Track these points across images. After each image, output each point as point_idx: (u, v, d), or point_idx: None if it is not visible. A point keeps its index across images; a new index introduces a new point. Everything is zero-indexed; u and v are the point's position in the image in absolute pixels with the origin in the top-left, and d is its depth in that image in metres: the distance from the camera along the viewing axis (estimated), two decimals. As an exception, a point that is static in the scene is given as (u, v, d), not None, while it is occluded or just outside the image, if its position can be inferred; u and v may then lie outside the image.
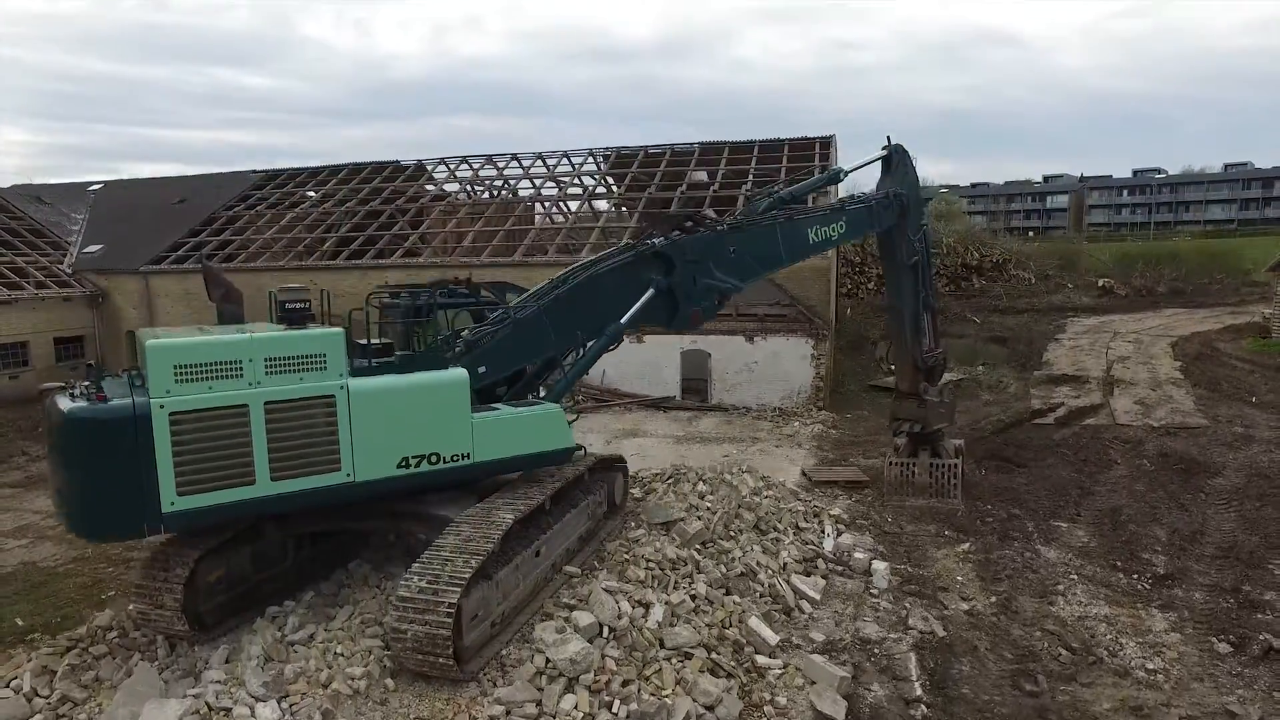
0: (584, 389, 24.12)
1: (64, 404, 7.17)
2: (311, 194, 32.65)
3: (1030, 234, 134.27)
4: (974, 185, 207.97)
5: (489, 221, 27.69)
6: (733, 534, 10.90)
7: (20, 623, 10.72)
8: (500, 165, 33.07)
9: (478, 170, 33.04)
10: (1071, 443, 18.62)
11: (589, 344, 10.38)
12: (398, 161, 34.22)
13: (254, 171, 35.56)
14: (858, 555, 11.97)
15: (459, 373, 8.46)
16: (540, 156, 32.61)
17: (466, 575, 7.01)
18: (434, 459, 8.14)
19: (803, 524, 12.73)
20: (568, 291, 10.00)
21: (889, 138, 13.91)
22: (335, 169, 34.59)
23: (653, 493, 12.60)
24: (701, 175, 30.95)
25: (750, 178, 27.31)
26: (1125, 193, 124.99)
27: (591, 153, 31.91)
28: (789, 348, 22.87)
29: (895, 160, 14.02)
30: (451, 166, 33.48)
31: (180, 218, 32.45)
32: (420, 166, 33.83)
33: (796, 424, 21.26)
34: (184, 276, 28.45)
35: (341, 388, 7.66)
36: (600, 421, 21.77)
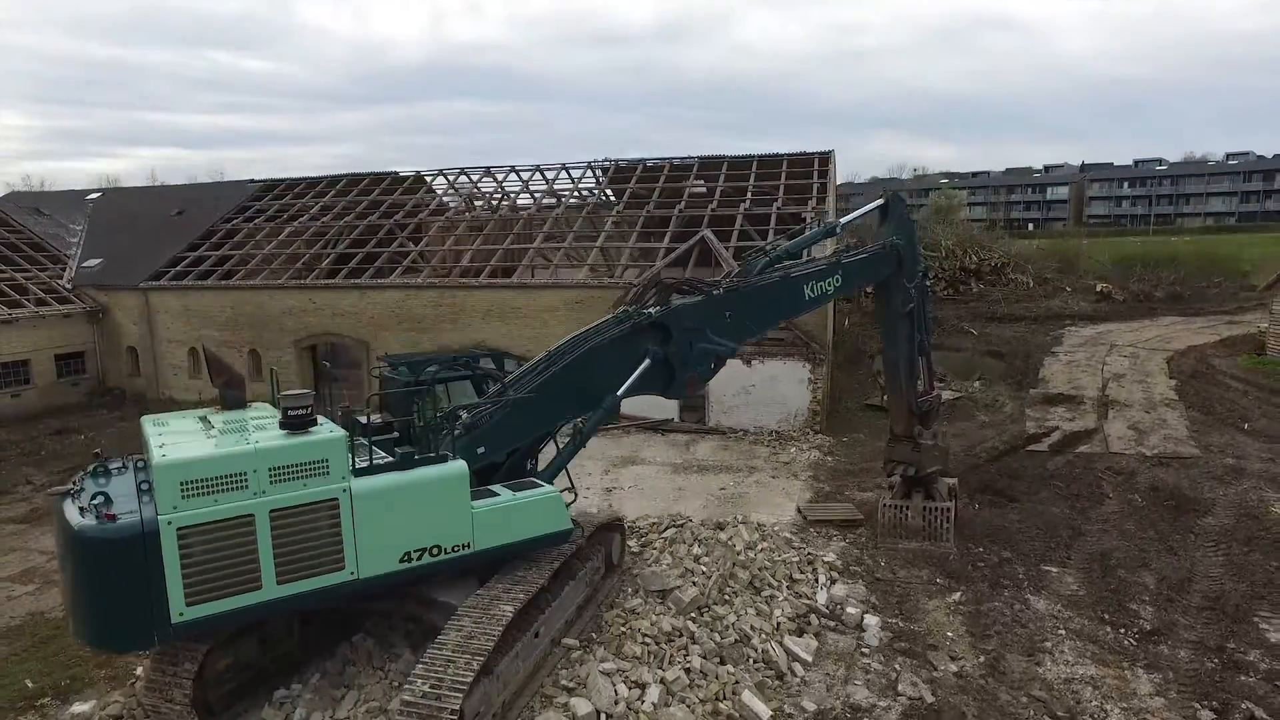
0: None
1: (73, 518, 7.33)
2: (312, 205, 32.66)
3: (1030, 225, 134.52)
4: (974, 174, 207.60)
5: (487, 239, 27.75)
6: (727, 597, 11.12)
7: (30, 684, 10.95)
8: (499, 177, 33.06)
9: (476, 182, 33.04)
10: (1064, 473, 18.83)
11: (586, 417, 10.52)
12: (396, 173, 34.23)
13: (252, 181, 35.55)
14: (850, 610, 12.20)
15: (459, 466, 8.62)
16: (539, 169, 32.61)
17: (468, 679, 7.22)
18: (435, 551, 8.33)
19: (797, 575, 12.95)
20: (564, 369, 10.12)
21: (885, 189, 14.00)
22: (334, 180, 34.56)
23: (649, 545, 12.80)
24: (700, 188, 31.02)
25: (749, 195, 27.34)
26: (1126, 184, 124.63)
27: (590, 166, 31.90)
28: (786, 371, 23.03)
29: (891, 209, 14.13)
30: (450, 178, 33.48)
31: (179, 229, 32.49)
32: (419, 178, 33.82)
33: (793, 449, 21.46)
34: (183, 293, 28.56)
35: (345, 490, 7.84)
36: (599, 447, 21.93)
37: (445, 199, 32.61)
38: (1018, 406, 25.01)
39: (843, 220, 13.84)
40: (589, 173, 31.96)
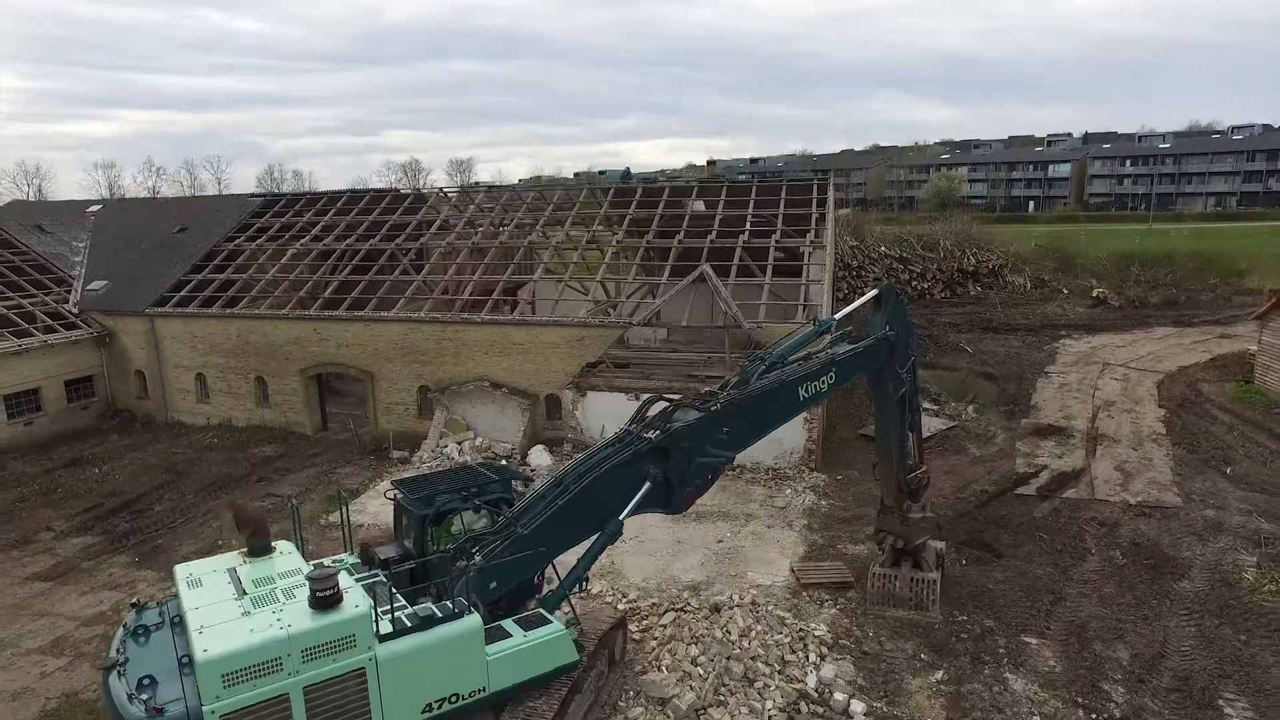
0: (583, 447, 24.91)
1: (122, 705, 7.89)
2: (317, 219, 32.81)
3: (1031, 204, 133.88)
4: (975, 146, 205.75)
5: (489, 269, 28.05)
6: (722, 696, 11.82)
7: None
8: (499, 197, 33.21)
9: (479, 203, 33.19)
10: (1050, 524, 19.51)
11: (589, 542, 11.05)
12: (396, 190, 34.33)
13: (253, 196, 35.66)
14: (838, 696, 12.92)
15: (474, 622, 9.19)
16: (540, 190, 32.73)
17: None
18: (454, 698, 8.95)
19: (789, 656, 13.67)
20: (570, 502, 10.63)
21: (881, 279, 14.37)
22: (334, 196, 34.68)
23: (649, 632, 13.47)
24: (700, 206, 31.26)
25: (748, 226, 27.57)
26: (1128, 163, 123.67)
27: (591, 189, 32.04)
28: (782, 410, 23.52)
29: (885, 298, 14.52)
30: (451, 199, 33.61)
31: (181, 248, 32.73)
32: (420, 196, 33.95)
33: (789, 490, 22.10)
34: (189, 320, 28.93)
35: (371, 659, 8.42)
36: (600, 487, 22.58)
37: (448, 218, 32.73)
38: (1009, 439, 25.59)
39: (837, 316, 14.23)
40: (589, 192, 32.09)
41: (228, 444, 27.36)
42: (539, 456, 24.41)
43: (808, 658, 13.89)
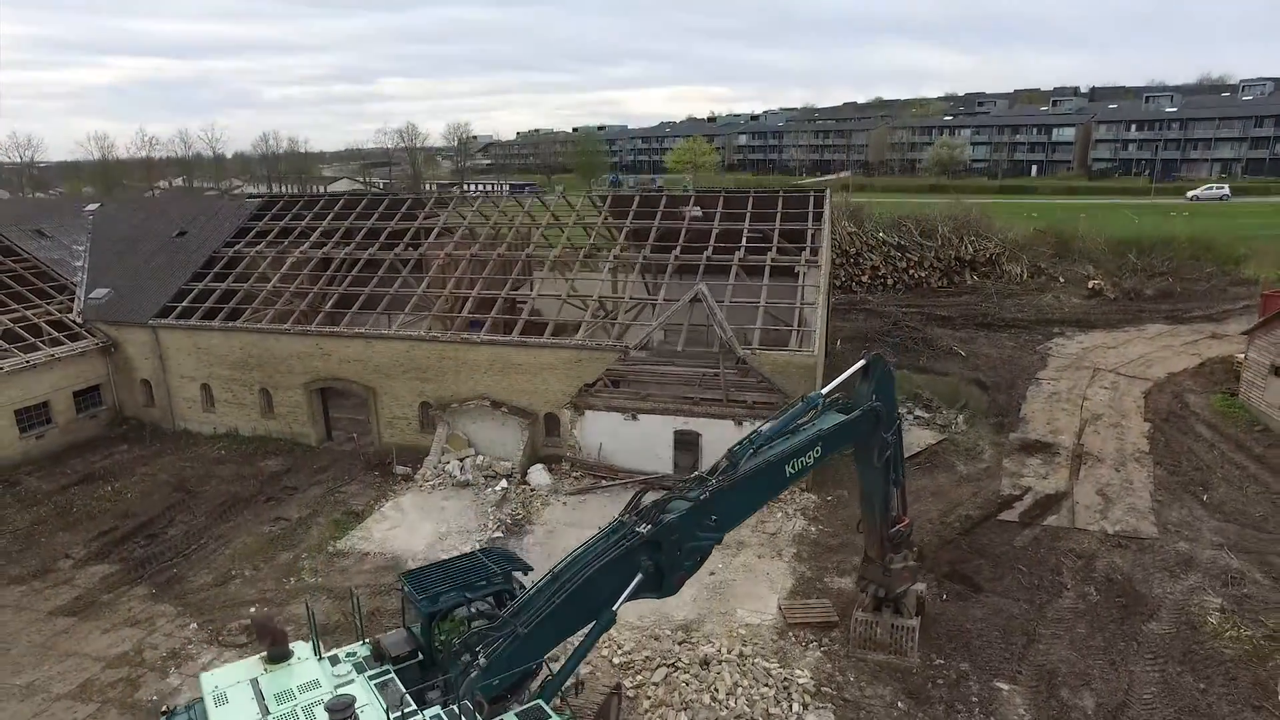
0: (581, 466, 25.62)
1: None
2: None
3: (1034, 168, 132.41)
4: (980, 103, 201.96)
5: (488, 284, 28.33)
6: (710, 762, 12.69)
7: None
8: (498, 203, 33.25)
9: (477, 208, 33.23)
10: (1030, 555, 20.32)
11: (584, 633, 11.73)
12: (395, 194, 34.32)
13: (251, 196, 35.62)
14: (819, 750, 13.85)
15: (477, 730, 9.93)
16: (538, 194, 32.76)
17: None
18: (459, 801, 9.74)
19: (773, 709, 14.56)
20: (568, 598, 11.28)
21: (868, 348, 14.80)
22: (332, 199, 34.71)
23: (643, 689, 14.31)
24: (697, 211, 31.41)
25: (744, 242, 27.77)
26: (1133, 127, 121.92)
27: (590, 196, 32.09)
28: (775, 433, 24.13)
29: (873, 368, 14.99)
30: (449, 202, 33.66)
31: (181, 253, 32.92)
32: (418, 200, 33.99)
33: (780, 515, 22.86)
34: (192, 332, 29.32)
35: (383, 776, 9.17)
36: (597, 511, 23.32)
37: (447, 223, 32.80)
38: (996, 455, 26.28)
39: (825, 390, 14.70)
40: (588, 200, 32.17)
41: (235, 456, 28.07)
42: (538, 476, 25.12)
43: (791, 708, 14.79)
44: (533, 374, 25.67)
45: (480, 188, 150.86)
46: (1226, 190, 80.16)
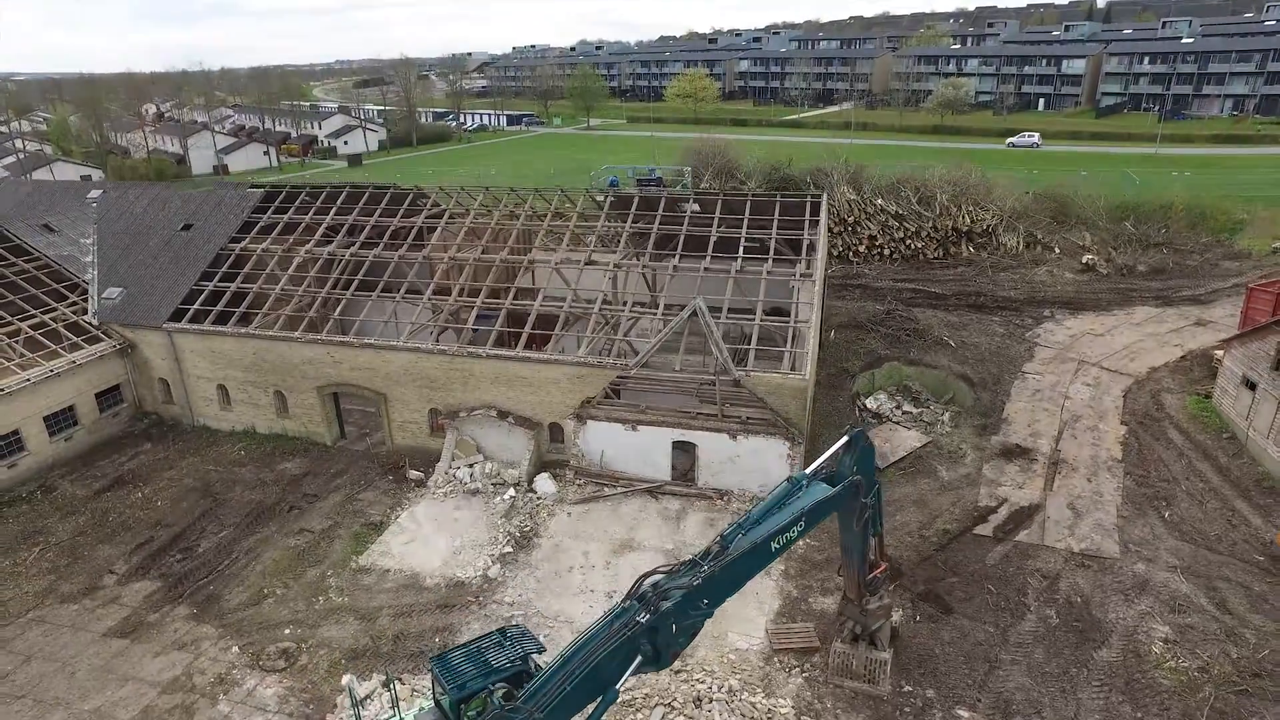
0: (584, 473, 27.12)
1: None
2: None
3: (1041, 101, 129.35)
4: (990, 23, 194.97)
5: (493, 292, 29.11)
6: (701, 804, 14.63)
7: None
8: (498, 197, 33.56)
9: (480, 200, 33.56)
10: (999, 573, 22.06)
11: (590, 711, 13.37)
12: (396, 185, 34.59)
13: (253, 187, 35.84)
14: (797, 783, 15.82)
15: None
16: (538, 191, 33.09)
17: None
18: None
19: (758, 744, 16.47)
20: (577, 685, 12.84)
21: (850, 425, 15.96)
22: (334, 192, 34.96)
23: (643, 728, 16.15)
24: (696, 207, 31.94)
25: (740, 254, 28.41)
26: (1145, 60, 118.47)
27: (588, 191, 32.42)
28: (768, 447, 25.56)
29: (854, 443, 16.19)
30: (453, 196, 33.97)
31: (189, 248, 33.42)
32: (421, 194, 34.28)
33: (770, 526, 24.47)
34: (206, 337, 30.28)
35: None
36: (600, 521, 24.97)
37: (451, 216, 33.14)
38: (978, 460, 27.75)
39: (808, 470, 15.93)
40: (588, 196, 32.52)
41: (254, 457, 29.56)
42: (544, 484, 26.66)
43: (774, 740, 16.73)
44: (537, 387, 26.84)
45: (477, 119, 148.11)
46: (1037, 138, 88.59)
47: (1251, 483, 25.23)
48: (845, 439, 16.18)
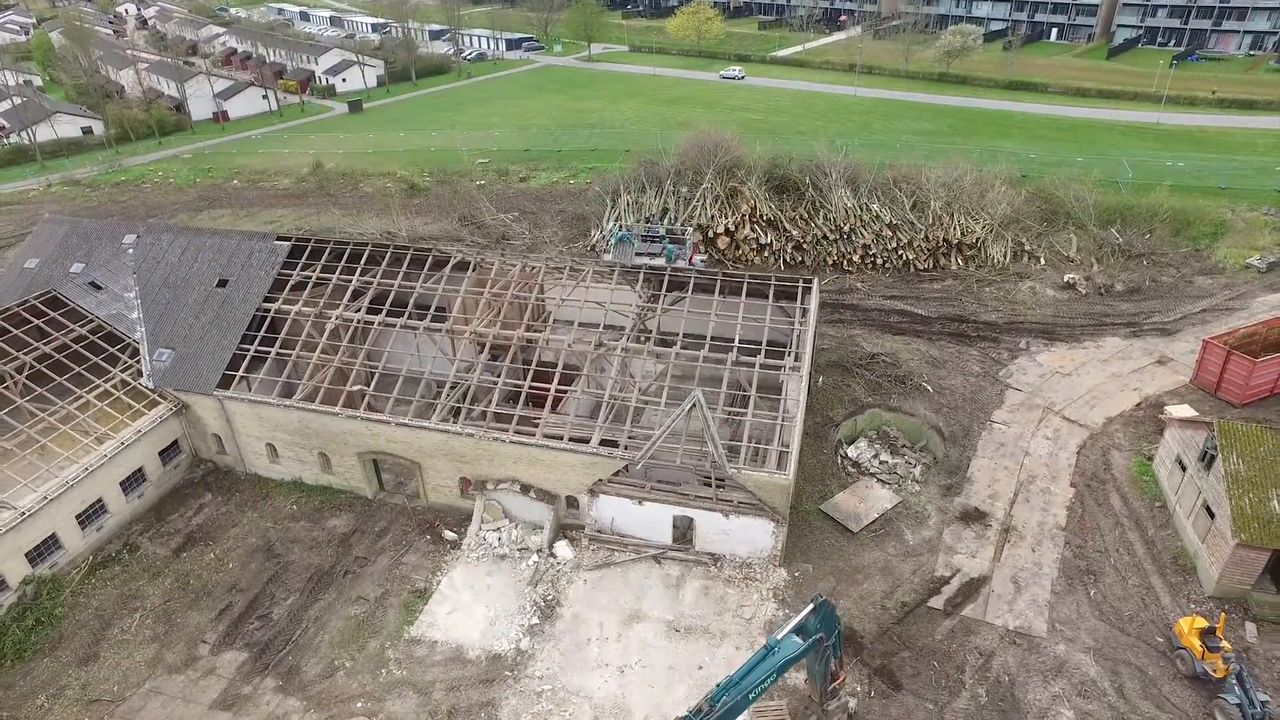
0: (597, 540, 31.20)
1: None
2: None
3: (1054, 31, 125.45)
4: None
5: (513, 373, 32.27)
6: None
7: None
8: (514, 262, 36.01)
9: (495, 268, 36.04)
10: (944, 648, 26.52)
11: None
12: (419, 244, 36.90)
13: (280, 241, 38.02)
14: None
15: None
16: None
17: None
18: None
19: (739, 823, 21.33)
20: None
21: (818, 595, 19.91)
22: (357, 249, 37.31)
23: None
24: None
25: (737, 340, 31.35)
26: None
27: (598, 269, 34.86)
28: (756, 525, 29.55)
29: (820, 610, 20.14)
30: (469, 256, 36.39)
31: (227, 307, 36.13)
32: (442, 254, 36.69)
33: (755, 595, 28.82)
34: (253, 405, 33.66)
35: None
36: (611, 589, 29.28)
37: (471, 274, 35.70)
38: (940, 524, 31.77)
39: (779, 636, 19.88)
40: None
41: (305, 512, 33.62)
42: (563, 550, 30.87)
43: (751, 818, 21.59)
44: (555, 468, 30.54)
45: (475, 46, 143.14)
46: (739, 71, 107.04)
47: (1169, 559, 29.35)
48: (810, 607, 20.13)
